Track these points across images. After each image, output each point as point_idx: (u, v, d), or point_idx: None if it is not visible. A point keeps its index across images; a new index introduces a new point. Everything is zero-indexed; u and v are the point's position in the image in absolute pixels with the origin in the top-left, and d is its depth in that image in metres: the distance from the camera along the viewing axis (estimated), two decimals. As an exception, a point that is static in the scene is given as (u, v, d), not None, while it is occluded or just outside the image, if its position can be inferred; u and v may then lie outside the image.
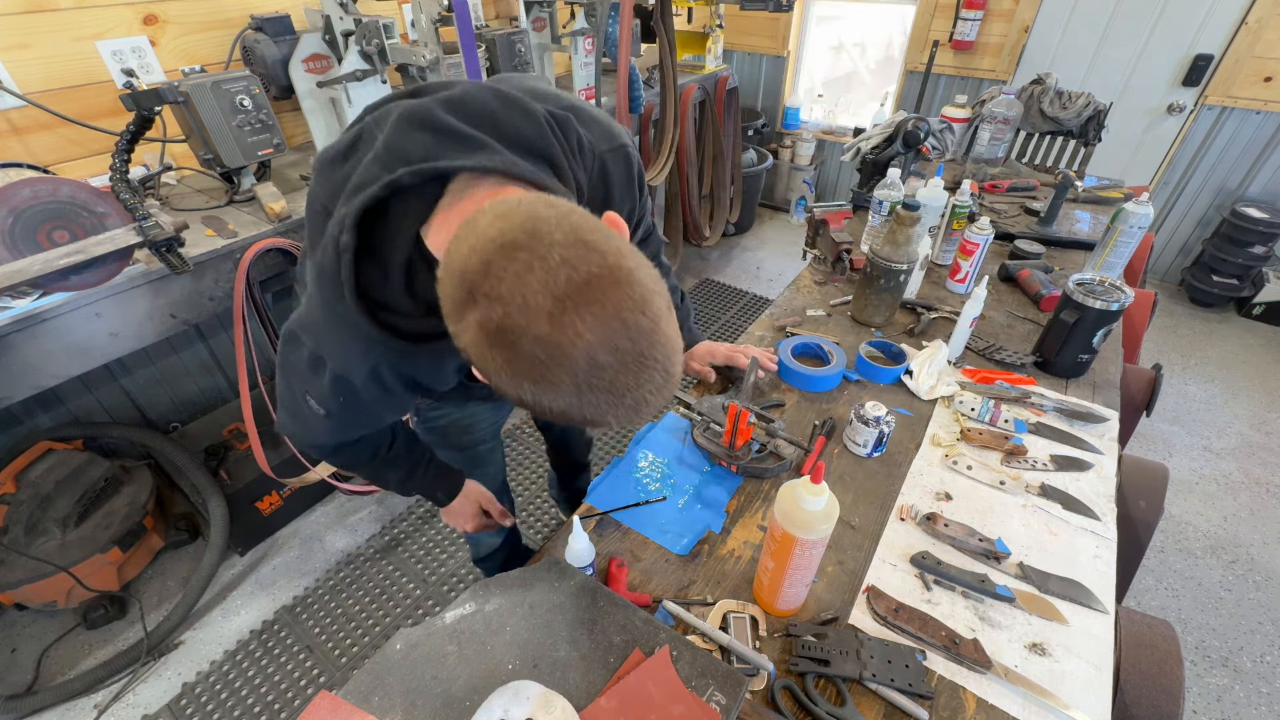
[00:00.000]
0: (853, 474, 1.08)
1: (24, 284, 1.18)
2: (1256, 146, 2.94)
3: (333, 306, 0.64)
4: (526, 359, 0.45)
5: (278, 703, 1.62)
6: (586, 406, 0.48)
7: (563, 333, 0.44)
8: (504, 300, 0.45)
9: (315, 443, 0.87)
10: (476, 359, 0.48)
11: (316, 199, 0.68)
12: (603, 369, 0.46)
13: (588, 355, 0.45)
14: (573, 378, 0.46)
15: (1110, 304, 1.18)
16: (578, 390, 0.47)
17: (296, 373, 0.75)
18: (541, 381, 0.46)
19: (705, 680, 0.68)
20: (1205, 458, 2.36)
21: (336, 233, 0.61)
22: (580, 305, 0.44)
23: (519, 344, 0.45)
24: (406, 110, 0.64)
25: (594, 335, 0.45)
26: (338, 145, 0.69)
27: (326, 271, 0.63)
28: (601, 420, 0.50)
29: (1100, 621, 0.85)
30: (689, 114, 2.96)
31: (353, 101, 1.78)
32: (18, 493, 1.69)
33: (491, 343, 0.46)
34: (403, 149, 0.62)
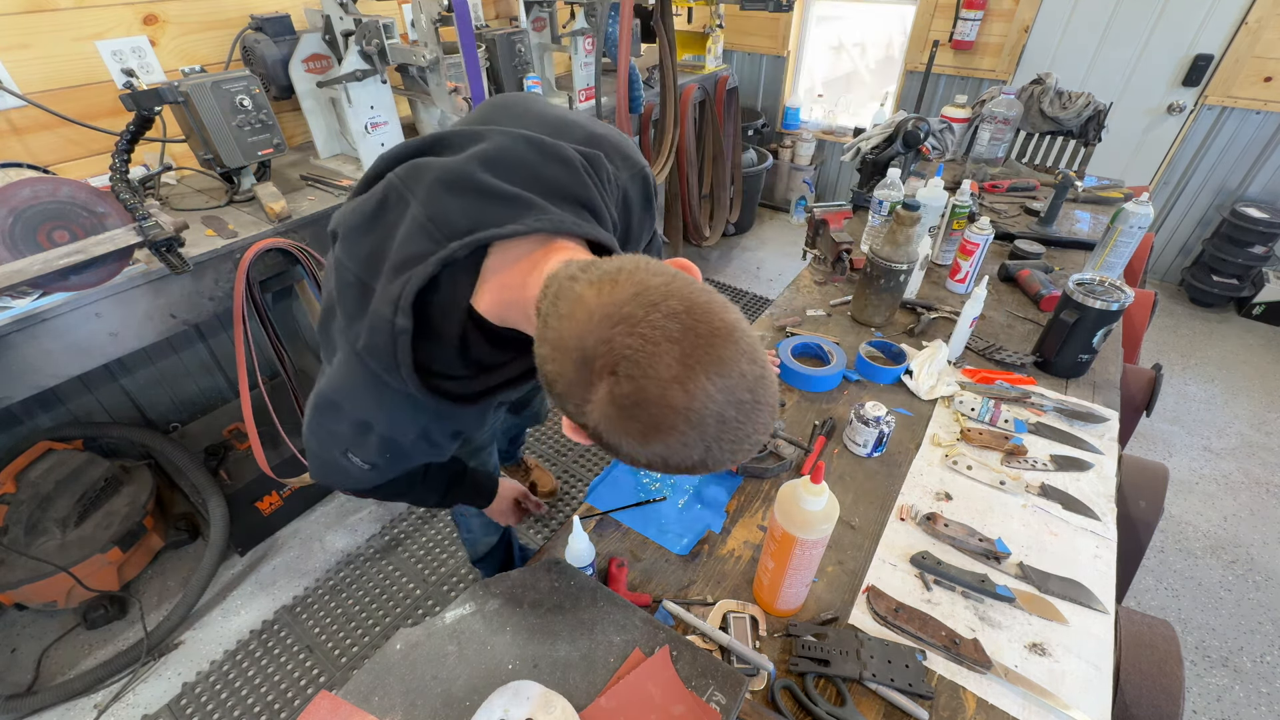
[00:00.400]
0: (853, 474, 1.08)
1: (24, 284, 1.18)
2: (1256, 146, 2.94)
3: (382, 379, 0.63)
4: (662, 427, 0.47)
5: (278, 703, 1.62)
6: (711, 459, 0.50)
7: (694, 398, 0.46)
8: (633, 375, 0.46)
9: (357, 488, 0.85)
10: (606, 430, 0.49)
11: (348, 269, 0.64)
12: (729, 423, 0.48)
13: (718, 415, 0.47)
14: (703, 437, 0.48)
15: (1110, 304, 1.18)
16: (707, 447, 0.48)
17: (336, 438, 0.72)
18: (674, 444, 0.48)
19: (705, 680, 0.68)
20: (1205, 458, 2.36)
21: (390, 315, 0.59)
22: (707, 369, 0.46)
23: (654, 413, 0.46)
24: (443, 174, 0.62)
25: (722, 395, 0.47)
26: (362, 209, 0.66)
27: (378, 348, 0.61)
28: (722, 466, 0.51)
29: (1100, 621, 0.85)
30: (689, 114, 2.96)
31: (353, 101, 1.78)
32: (18, 493, 1.69)
33: (626, 415, 0.47)
34: (446, 219, 0.60)
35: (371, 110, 1.84)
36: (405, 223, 0.61)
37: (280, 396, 1.92)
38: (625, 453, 0.50)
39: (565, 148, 0.67)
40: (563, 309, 0.50)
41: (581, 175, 0.67)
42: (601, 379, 0.47)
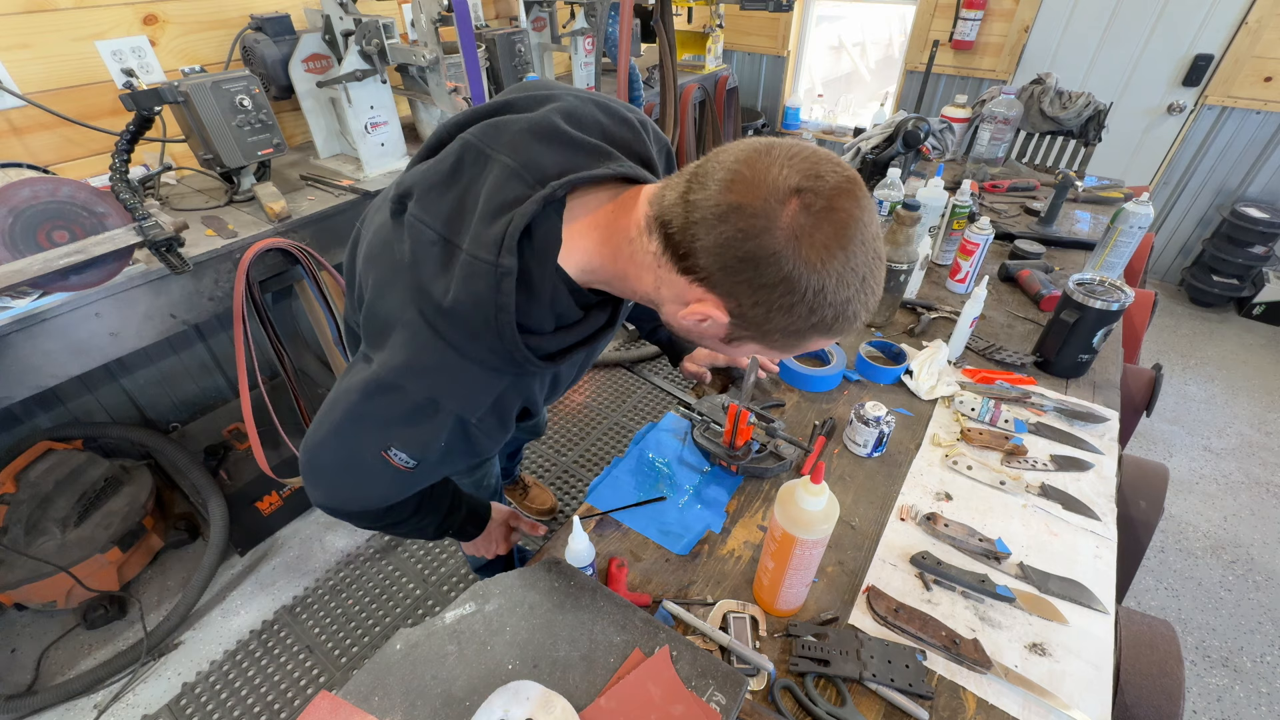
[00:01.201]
0: (853, 474, 1.08)
1: (24, 284, 1.18)
2: (1256, 146, 2.94)
3: (457, 350, 0.62)
4: (847, 231, 0.53)
5: (278, 703, 1.62)
6: (857, 301, 0.56)
7: (865, 211, 0.54)
8: (819, 190, 0.52)
9: (369, 506, 0.79)
10: (792, 246, 0.52)
11: (427, 228, 0.63)
12: (874, 257, 0.56)
13: (875, 236, 0.55)
14: (864, 261, 0.55)
15: (1110, 304, 1.18)
16: (862, 279, 0.55)
17: (381, 428, 0.67)
18: (849, 260, 0.54)
19: (705, 680, 0.68)
20: (1205, 458, 2.36)
21: (491, 257, 0.59)
22: (855, 194, 0.54)
23: (840, 218, 0.53)
24: (530, 125, 0.64)
25: (871, 220, 0.55)
26: (438, 168, 0.66)
27: (475, 298, 0.59)
28: (857, 320, 0.58)
29: (1100, 621, 0.85)
30: (689, 114, 2.96)
31: (352, 102, 1.78)
32: (18, 493, 1.69)
33: (818, 220, 0.52)
34: (539, 165, 0.62)
35: (371, 110, 1.84)
36: (492, 174, 0.63)
37: (280, 396, 1.91)
38: (803, 277, 0.53)
39: (626, 112, 0.71)
40: (756, 175, 0.53)
41: (642, 135, 0.71)
42: (790, 197, 0.52)
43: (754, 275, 0.54)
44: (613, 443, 2.42)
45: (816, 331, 0.57)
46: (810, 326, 0.56)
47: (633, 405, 2.60)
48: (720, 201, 0.53)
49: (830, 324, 0.56)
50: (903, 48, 3.60)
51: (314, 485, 0.76)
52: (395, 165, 1.95)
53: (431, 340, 0.62)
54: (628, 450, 1.16)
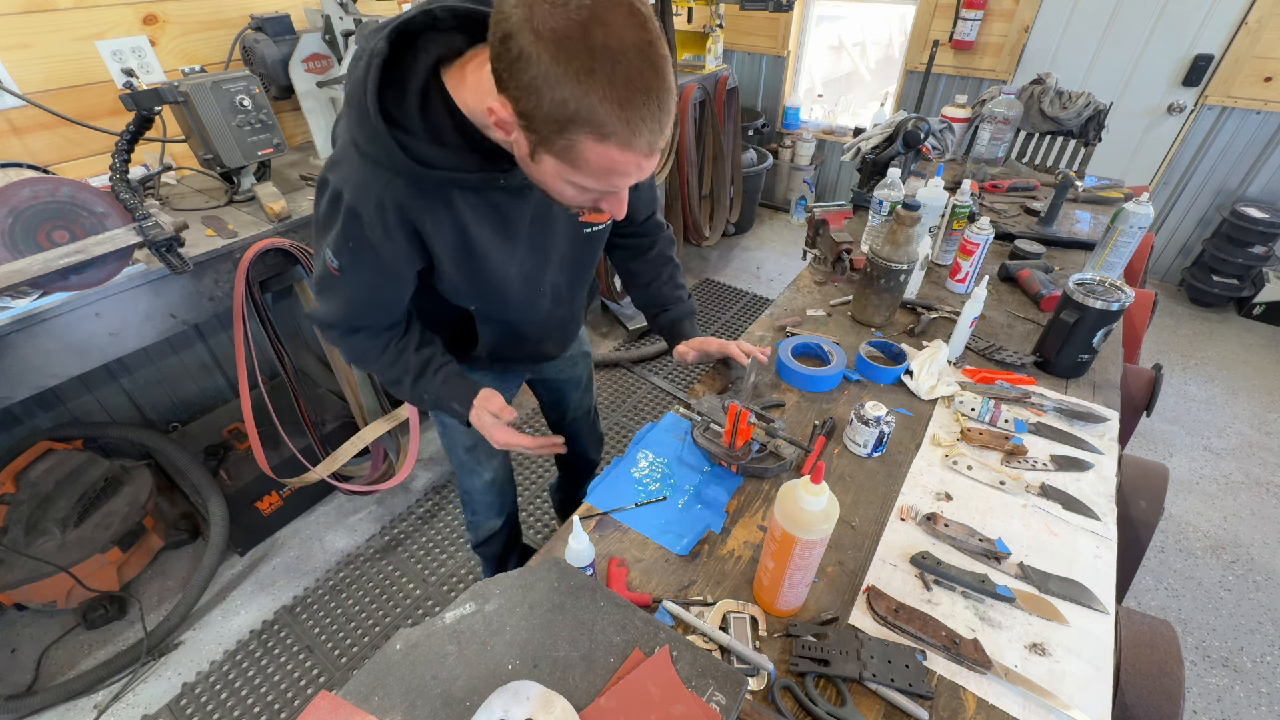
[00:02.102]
0: (853, 474, 1.08)
1: (24, 284, 1.18)
2: (1256, 146, 2.94)
3: (353, 132, 0.72)
4: (582, 43, 0.55)
5: (278, 703, 1.62)
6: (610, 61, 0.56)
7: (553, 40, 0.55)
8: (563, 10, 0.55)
9: (332, 317, 0.92)
10: (550, 58, 0.56)
11: (363, 51, 0.72)
12: (631, 17, 0.57)
13: (607, 8, 0.56)
14: (600, 23, 0.55)
15: (1110, 304, 1.18)
16: (593, 37, 0.55)
17: (320, 223, 0.81)
18: (576, 15, 0.55)
19: (705, 680, 0.68)
20: (1205, 458, 2.36)
21: (371, 45, 0.68)
22: (611, 9, 0.56)
23: (580, 32, 0.55)
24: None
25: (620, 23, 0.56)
26: None
27: (354, 95, 0.70)
28: (600, 118, 0.58)
29: (1100, 621, 0.85)
30: (689, 114, 2.96)
31: (353, 101, 1.78)
32: (18, 493, 1.69)
33: (559, 42, 0.55)
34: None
35: (371, 110, 1.84)
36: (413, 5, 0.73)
37: (280, 396, 1.92)
38: (531, 46, 0.56)
39: None
40: None
41: None
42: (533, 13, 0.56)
43: (502, 51, 0.58)
44: (613, 443, 2.42)
45: (581, 125, 0.59)
46: (566, 112, 0.58)
47: (633, 405, 2.60)
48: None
49: (578, 106, 0.58)
50: (903, 48, 3.60)
51: (311, 289, 0.95)
52: (395, 165, 1.95)
53: (344, 135, 0.75)
54: (628, 450, 1.16)
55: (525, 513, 2.14)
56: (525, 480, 2.27)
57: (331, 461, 1.92)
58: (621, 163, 0.63)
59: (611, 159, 0.62)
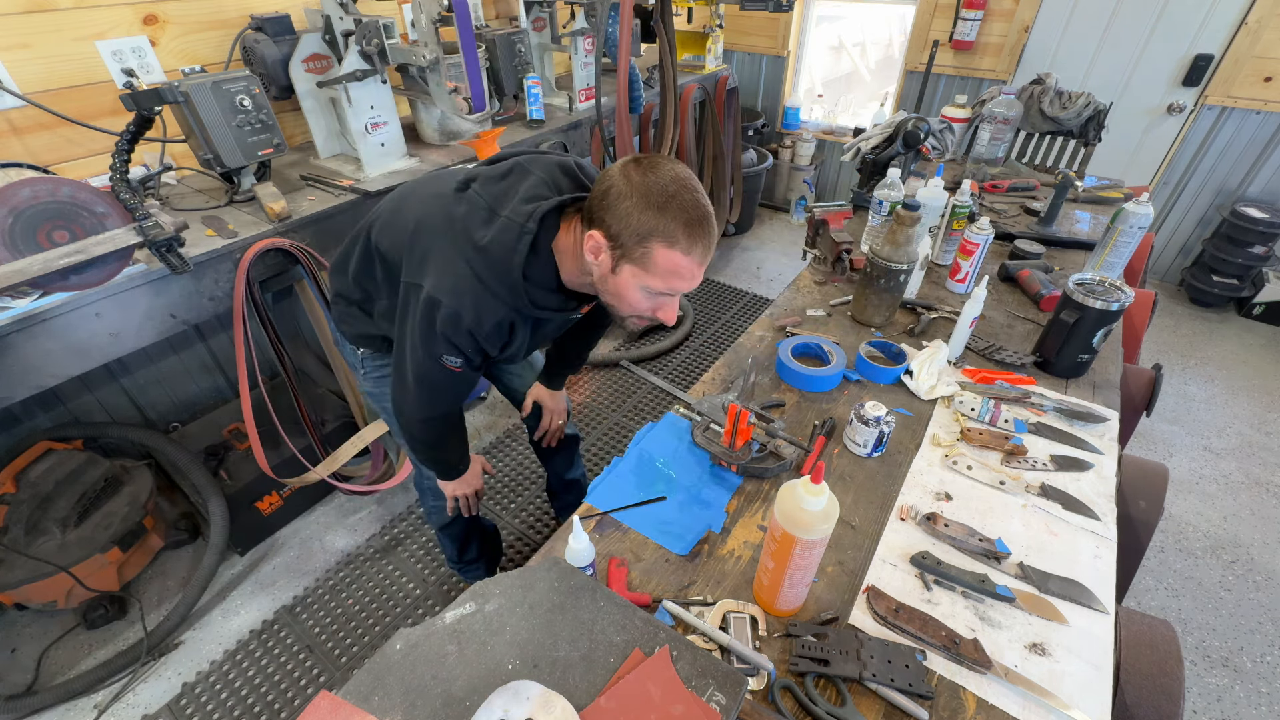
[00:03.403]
0: (853, 474, 1.08)
1: (24, 284, 1.18)
2: (1256, 146, 2.94)
3: (483, 274, 0.93)
4: (652, 164, 0.87)
5: (278, 703, 1.62)
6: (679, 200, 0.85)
7: (671, 161, 0.89)
8: (644, 156, 0.89)
9: (444, 407, 1.15)
10: (628, 172, 0.87)
11: (482, 199, 0.97)
12: (689, 179, 0.88)
13: (678, 169, 0.88)
14: (674, 178, 0.86)
15: (1110, 304, 1.18)
16: (666, 183, 0.85)
17: (436, 339, 0.97)
18: (657, 172, 0.86)
19: (705, 680, 0.68)
20: (1205, 458, 2.36)
21: (522, 221, 0.92)
22: (670, 158, 0.90)
23: (652, 160, 0.88)
24: (559, 162, 1.03)
25: (679, 167, 0.88)
26: (497, 171, 1.01)
27: (502, 244, 0.92)
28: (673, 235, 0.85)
29: (1100, 621, 0.85)
30: (689, 114, 2.96)
31: (353, 101, 1.78)
32: (18, 493, 1.69)
33: (638, 163, 0.87)
34: (556, 182, 1.00)
35: (371, 110, 1.84)
36: (529, 181, 0.98)
37: (280, 396, 1.92)
38: (625, 189, 0.86)
39: None
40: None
41: None
42: (628, 163, 0.89)
43: (604, 199, 0.87)
44: (613, 443, 2.42)
45: (657, 236, 0.85)
46: (647, 228, 0.84)
47: (633, 405, 2.60)
48: (597, 179, 0.91)
49: (656, 225, 0.84)
50: (903, 48, 3.60)
51: (406, 404, 1.12)
52: (395, 165, 1.95)
53: (465, 270, 0.93)
54: (628, 450, 1.16)
55: (525, 513, 2.15)
56: (525, 480, 2.27)
57: (331, 461, 1.92)
58: (684, 265, 0.88)
59: (676, 262, 0.87)
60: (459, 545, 1.69)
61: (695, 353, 2.91)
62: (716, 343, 2.97)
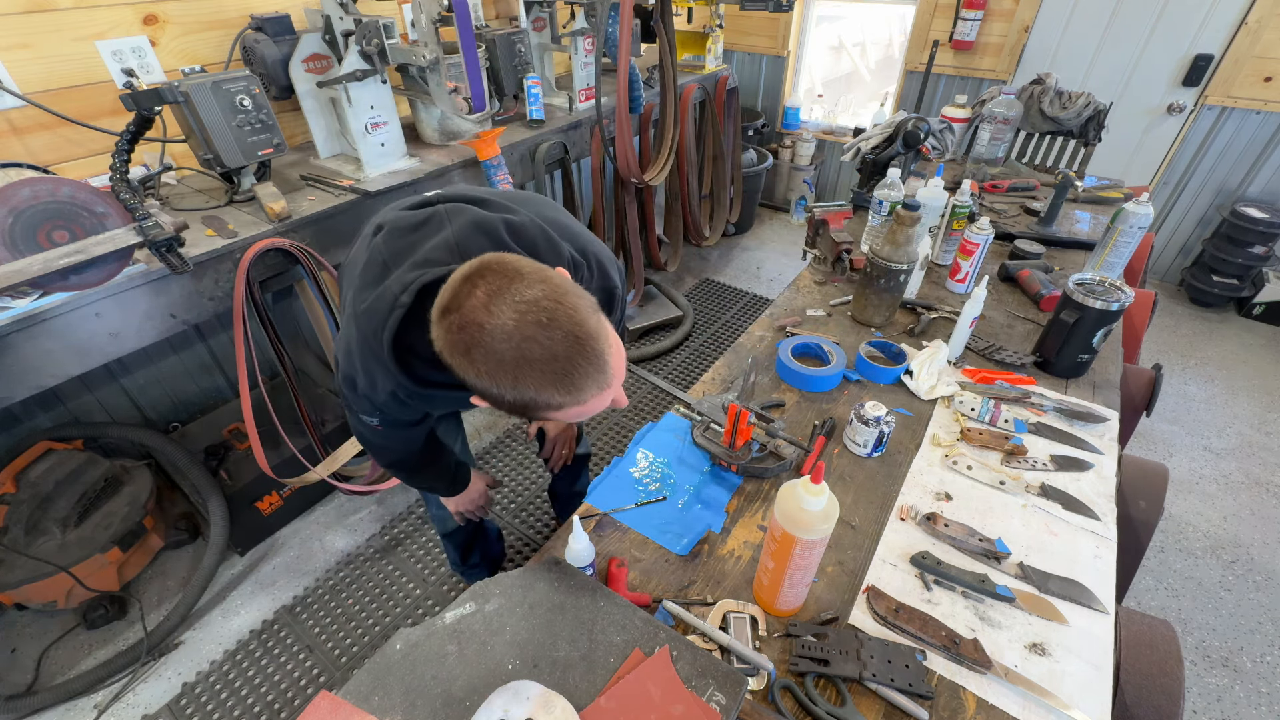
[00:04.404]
0: (853, 474, 1.08)
1: (24, 284, 1.18)
2: (1256, 146, 2.94)
3: (368, 342, 0.82)
4: (477, 348, 0.63)
5: (278, 703, 1.62)
6: (529, 379, 0.64)
7: (493, 316, 0.63)
8: (459, 311, 0.64)
9: (388, 459, 1.14)
10: (451, 364, 0.67)
11: (380, 253, 0.85)
12: (531, 339, 0.63)
13: (516, 329, 0.62)
14: (510, 346, 0.62)
15: (1110, 304, 1.18)
16: (517, 362, 0.63)
17: (350, 398, 0.94)
18: (491, 360, 0.63)
19: (705, 680, 0.68)
20: (1205, 458, 2.36)
21: (398, 291, 0.78)
22: (503, 297, 0.63)
23: (474, 340, 0.63)
24: (479, 220, 0.84)
25: (514, 315, 0.63)
26: (411, 219, 0.86)
27: (376, 315, 0.80)
28: (547, 399, 0.65)
29: (1100, 621, 0.85)
30: (689, 114, 2.96)
31: (353, 101, 1.78)
32: (18, 493, 1.69)
33: (455, 345, 0.65)
34: (468, 247, 0.81)
35: (371, 110, 1.84)
36: (436, 239, 0.82)
37: (280, 396, 1.92)
38: (468, 380, 0.67)
39: (564, 246, 0.90)
40: None
41: (568, 269, 0.88)
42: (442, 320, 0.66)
43: (464, 368, 0.67)
44: (613, 443, 2.42)
45: (536, 409, 0.67)
46: (520, 404, 0.66)
47: (633, 405, 2.60)
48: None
49: (527, 399, 0.65)
50: (903, 48, 3.60)
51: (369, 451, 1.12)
52: (395, 165, 1.95)
53: (352, 332, 0.86)
54: (628, 450, 1.16)
55: (525, 513, 2.15)
56: (524, 480, 2.27)
57: (331, 461, 1.92)
58: (578, 411, 0.70)
59: (568, 413, 0.70)
60: (462, 551, 1.68)
61: (695, 353, 2.91)
62: (716, 343, 2.97)
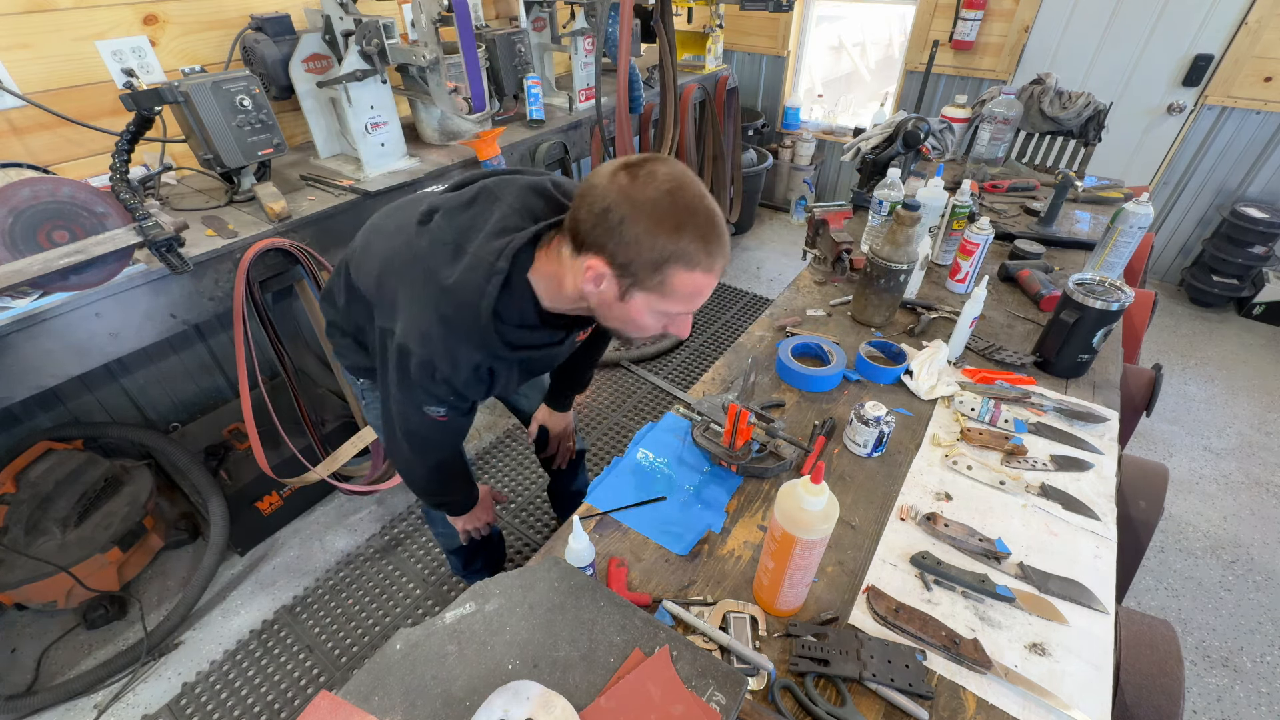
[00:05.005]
0: (853, 474, 1.08)
1: (24, 284, 1.18)
2: (1256, 146, 2.94)
3: (458, 316, 0.83)
4: (652, 174, 0.75)
5: (278, 703, 1.62)
6: (689, 230, 0.75)
7: (667, 164, 0.77)
8: (635, 160, 0.77)
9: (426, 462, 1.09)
10: (649, 220, 0.75)
11: (446, 234, 0.87)
12: (695, 184, 0.77)
13: (683, 176, 0.77)
14: (681, 187, 0.75)
15: (1110, 304, 1.18)
16: (678, 197, 0.75)
17: (413, 388, 0.90)
18: (659, 184, 0.74)
19: (705, 680, 0.68)
20: (1205, 458, 2.36)
21: (491, 259, 0.82)
22: (668, 160, 0.78)
23: (651, 165, 0.76)
24: (530, 184, 0.93)
25: (677, 169, 0.77)
26: (461, 198, 0.91)
27: (469, 286, 0.82)
28: (693, 254, 0.76)
29: (1100, 621, 0.85)
30: (689, 114, 2.96)
31: (353, 101, 1.78)
32: (18, 493, 1.69)
33: (633, 174, 0.75)
34: (530, 208, 0.90)
35: (371, 110, 1.84)
36: (498, 210, 0.88)
37: (280, 396, 1.91)
38: (631, 212, 0.74)
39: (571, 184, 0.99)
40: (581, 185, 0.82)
41: None
42: (618, 171, 0.77)
43: (601, 221, 0.75)
44: (613, 443, 2.42)
45: (674, 261, 0.76)
46: (662, 255, 0.75)
47: (633, 405, 2.60)
48: (579, 193, 0.79)
49: (672, 249, 0.75)
50: (903, 48, 3.60)
51: (399, 458, 1.05)
52: (395, 165, 1.95)
53: (432, 315, 0.84)
54: (628, 450, 1.16)
55: (525, 513, 2.15)
56: (524, 480, 2.27)
57: (331, 461, 1.92)
58: (705, 284, 0.80)
59: (697, 283, 0.79)
60: (465, 560, 1.69)
61: (695, 353, 2.91)
62: (716, 343, 2.97)
